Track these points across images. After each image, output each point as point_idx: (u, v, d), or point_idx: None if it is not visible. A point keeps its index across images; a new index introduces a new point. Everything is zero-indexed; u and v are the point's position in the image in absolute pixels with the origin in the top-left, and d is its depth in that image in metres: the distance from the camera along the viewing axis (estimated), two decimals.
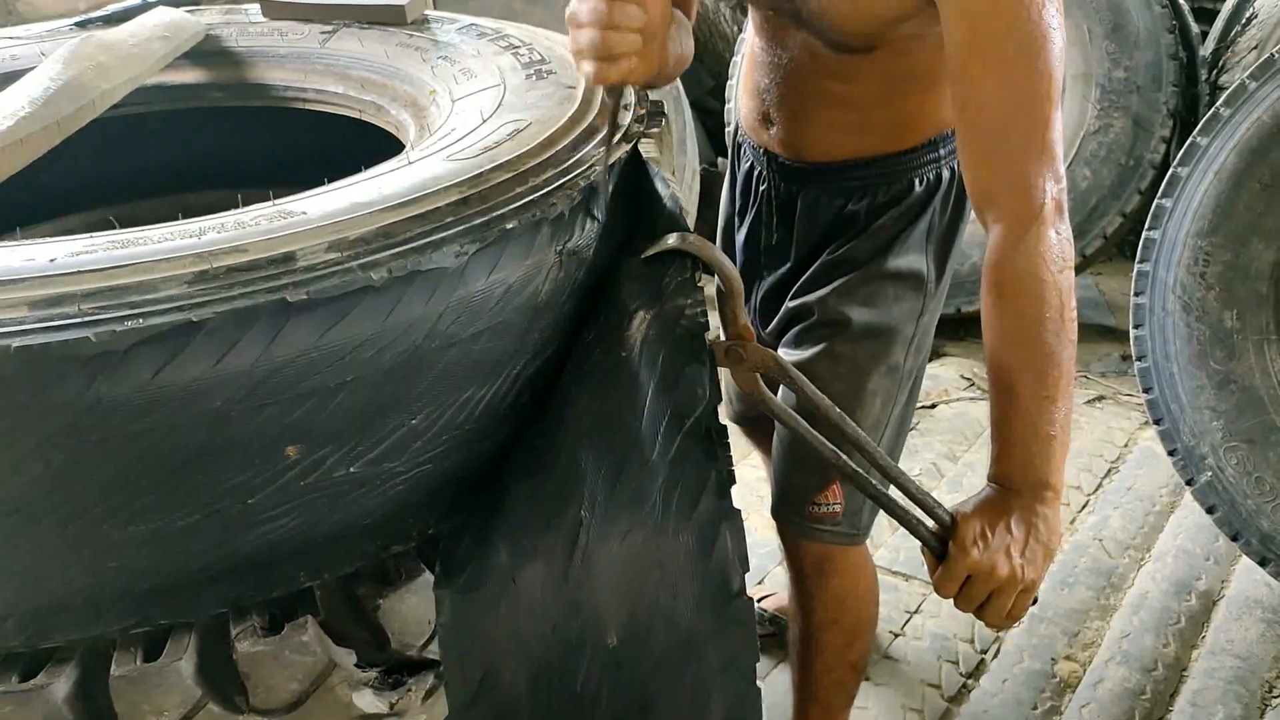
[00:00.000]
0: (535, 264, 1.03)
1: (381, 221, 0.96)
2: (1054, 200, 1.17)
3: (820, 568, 1.56)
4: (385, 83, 1.51)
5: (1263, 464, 2.07)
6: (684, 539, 1.01)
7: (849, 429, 1.16)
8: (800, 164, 1.51)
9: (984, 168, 1.20)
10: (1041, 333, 1.16)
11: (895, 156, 1.43)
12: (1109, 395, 3.12)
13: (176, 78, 1.59)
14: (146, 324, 0.83)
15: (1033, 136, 1.16)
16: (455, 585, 1.03)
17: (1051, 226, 1.17)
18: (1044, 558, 1.16)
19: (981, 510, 1.17)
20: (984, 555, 1.14)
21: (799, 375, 1.14)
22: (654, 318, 1.06)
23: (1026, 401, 1.16)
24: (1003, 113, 1.16)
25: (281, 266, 0.89)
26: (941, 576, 1.17)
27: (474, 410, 1.02)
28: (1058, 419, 1.16)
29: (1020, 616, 1.19)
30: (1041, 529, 1.16)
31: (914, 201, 1.46)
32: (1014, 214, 1.17)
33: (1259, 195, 2.04)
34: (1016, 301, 1.17)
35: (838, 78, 1.38)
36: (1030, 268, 1.16)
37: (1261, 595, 2.25)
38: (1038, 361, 1.16)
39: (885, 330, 1.49)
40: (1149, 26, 3.15)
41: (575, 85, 1.29)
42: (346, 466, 0.95)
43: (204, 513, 0.91)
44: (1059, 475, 1.18)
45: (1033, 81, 1.14)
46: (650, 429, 1.02)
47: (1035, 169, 1.16)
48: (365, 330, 0.91)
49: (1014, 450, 1.18)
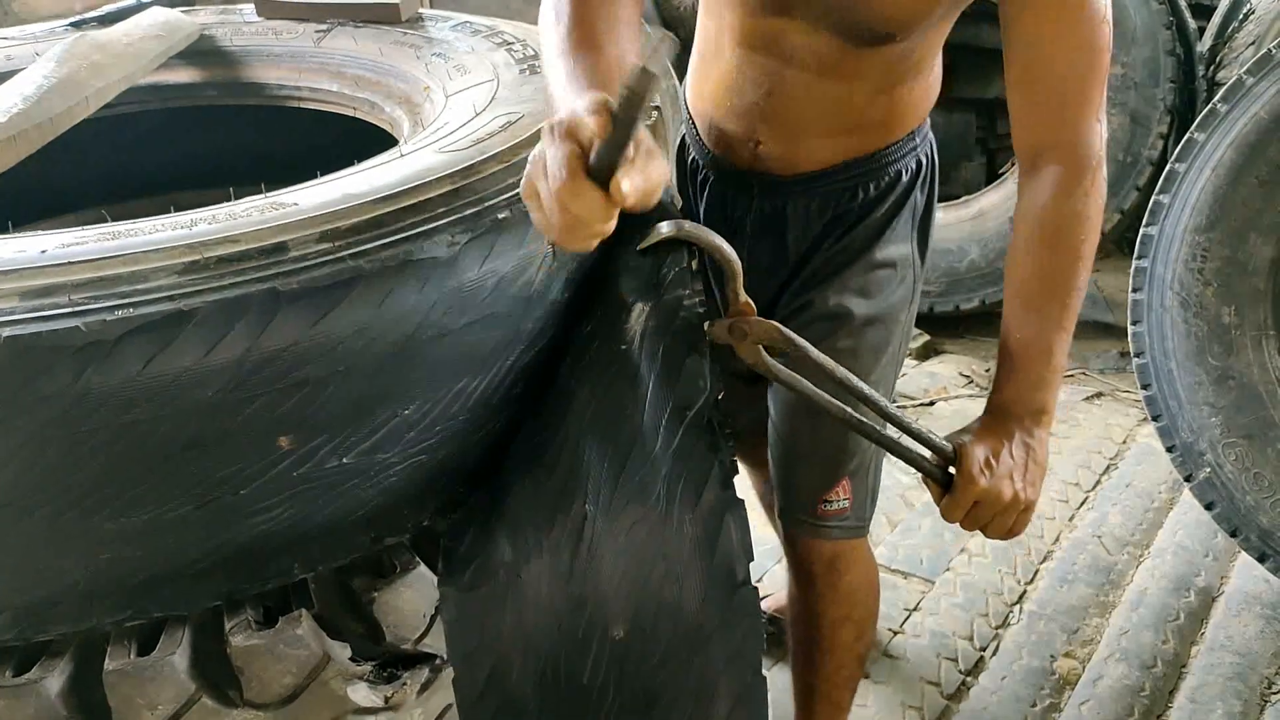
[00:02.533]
0: (528, 254, 1.03)
1: (373, 212, 0.96)
2: (1103, 144, 1.25)
3: (833, 565, 1.55)
4: (379, 80, 1.51)
5: (1261, 460, 2.06)
6: (688, 530, 1.02)
7: (854, 384, 1.20)
8: (792, 177, 1.47)
9: (1045, 121, 1.26)
10: (1081, 269, 1.25)
11: (883, 151, 1.43)
12: (1107, 392, 3.11)
13: (171, 77, 1.59)
14: (137, 314, 0.83)
15: (1095, 88, 1.23)
16: (460, 583, 1.03)
17: (1102, 168, 1.25)
18: (1040, 478, 1.25)
19: (982, 438, 1.24)
20: (990, 482, 1.21)
21: (801, 341, 1.15)
22: (653, 309, 1.06)
23: (1051, 330, 1.25)
24: (1069, 66, 1.22)
25: (273, 256, 0.89)
26: (949, 504, 1.24)
27: (467, 401, 1.02)
28: (1065, 350, 1.26)
29: (1020, 533, 1.27)
30: (1039, 450, 1.25)
31: (900, 191, 1.47)
32: (1072, 161, 1.24)
33: (1256, 191, 2.04)
34: (1070, 239, 1.25)
35: (838, 76, 1.35)
36: (1083, 210, 1.24)
37: (1260, 591, 2.25)
38: (1070, 295, 1.25)
39: (884, 320, 1.48)
40: (1146, 23, 3.15)
41: None
42: (339, 457, 0.95)
43: (196, 504, 0.91)
44: (1054, 403, 1.27)
45: (1096, 35, 1.20)
46: (652, 421, 1.02)
47: (1094, 115, 1.24)
48: (357, 320, 0.91)
49: (1025, 375, 1.26)
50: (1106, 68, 1.23)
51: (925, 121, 1.48)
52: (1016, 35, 1.24)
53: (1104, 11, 1.20)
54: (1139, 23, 3.13)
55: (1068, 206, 1.23)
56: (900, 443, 1.22)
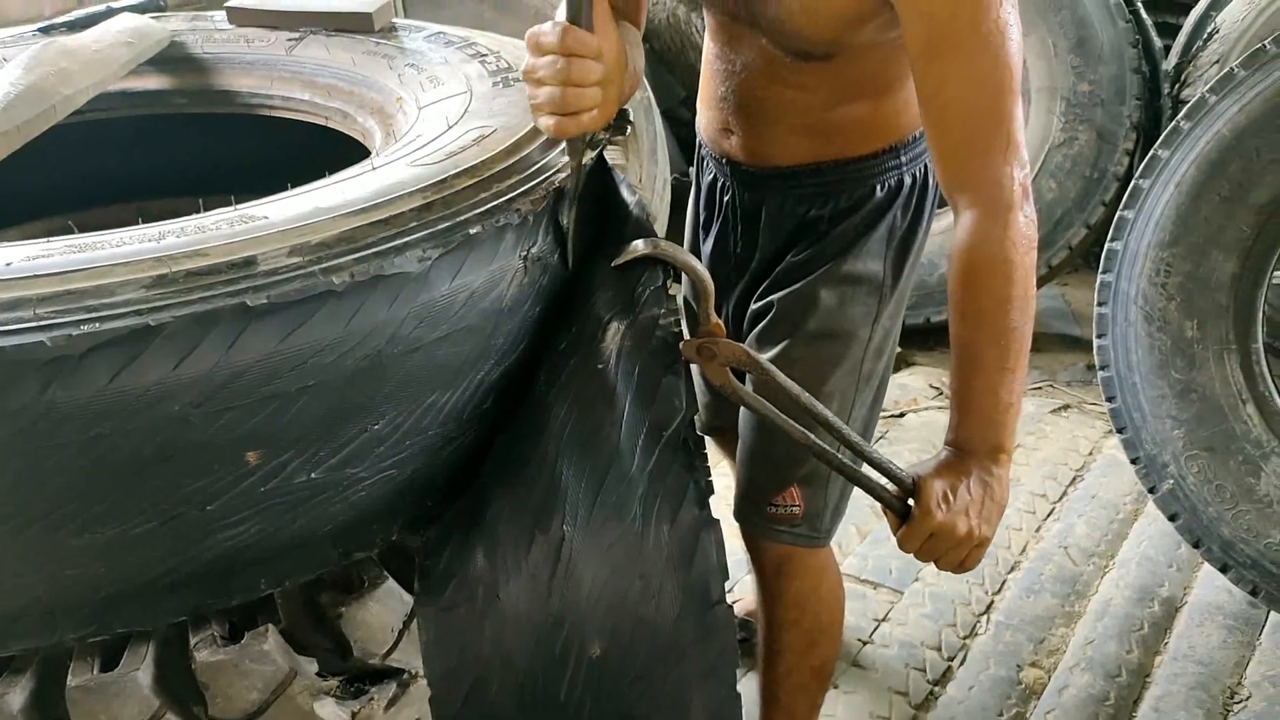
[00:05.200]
0: (499, 269, 1.03)
1: (344, 226, 0.96)
2: (1020, 185, 1.24)
3: (780, 569, 1.56)
4: (352, 90, 1.50)
5: (1223, 472, 2.09)
6: (665, 550, 1.02)
7: (818, 411, 1.22)
8: (763, 171, 1.52)
9: (953, 161, 1.26)
10: (1009, 310, 1.24)
11: (857, 161, 1.45)
12: (1074, 404, 3.14)
13: (140, 84, 1.58)
14: (103, 328, 0.82)
15: (999, 128, 1.22)
16: (438, 601, 1.03)
17: (1019, 210, 1.24)
18: (997, 515, 1.26)
19: (941, 472, 1.25)
20: (947, 516, 1.22)
21: (768, 364, 1.17)
22: (628, 328, 1.06)
23: (990, 373, 1.25)
24: (969, 108, 1.22)
25: (242, 270, 0.89)
26: (906, 535, 1.25)
27: (438, 415, 1.02)
28: (1015, 388, 1.26)
29: (972, 568, 1.28)
30: (996, 489, 1.25)
31: (875, 207, 1.48)
32: (985, 202, 1.24)
33: (1219, 207, 2.07)
34: (989, 283, 1.25)
35: (796, 85, 1.39)
36: (1002, 252, 1.23)
37: (1223, 601, 2.28)
38: (1003, 337, 1.24)
39: (841, 332, 1.50)
40: (1113, 41, 3.18)
41: None
42: (308, 472, 0.94)
43: (162, 519, 0.90)
44: (1011, 440, 1.28)
45: (995, 76, 1.20)
46: (629, 441, 1.03)
47: (1003, 159, 1.22)
48: (327, 335, 0.91)
49: (975, 417, 1.27)
50: (1013, 111, 1.21)
51: (915, 142, 1.48)
52: (920, 80, 1.24)
53: (1007, 56, 1.19)
54: (1105, 41, 3.17)
55: (984, 251, 1.23)
56: (861, 471, 1.24)
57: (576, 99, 1.06)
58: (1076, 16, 3.20)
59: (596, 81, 1.07)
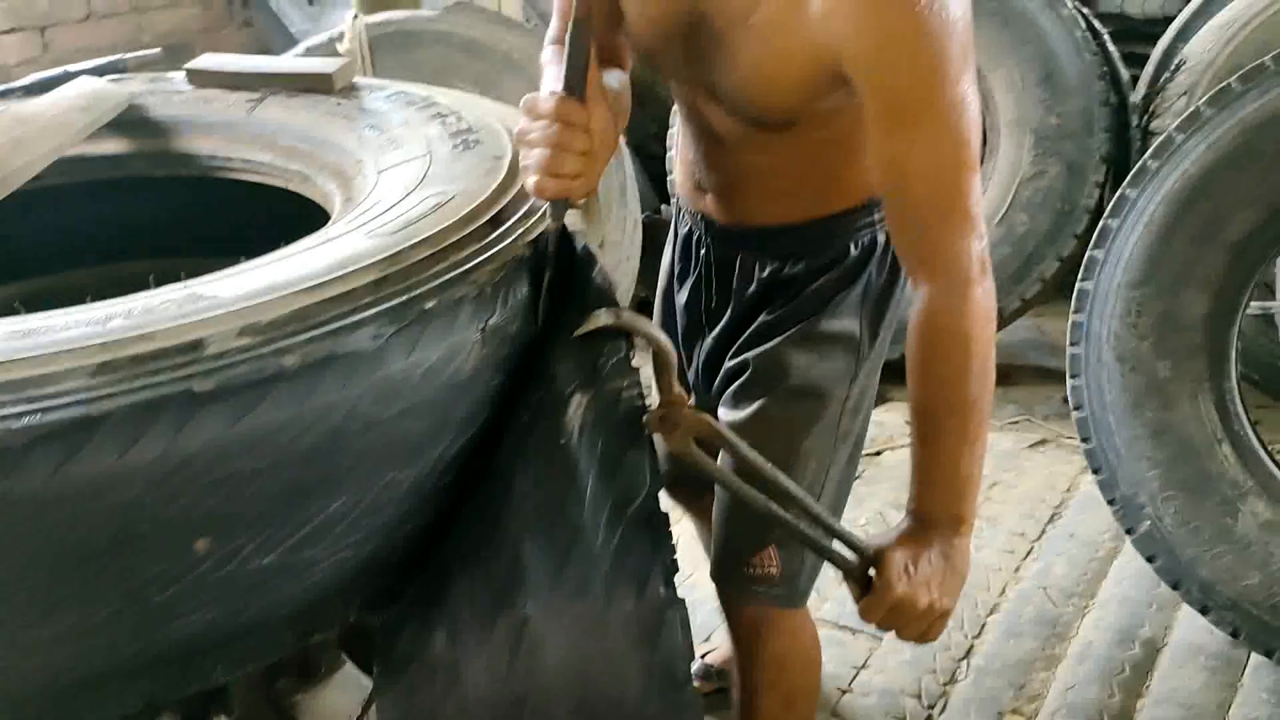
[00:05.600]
0: (457, 343, 1.01)
1: (296, 304, 0.94)
2: (979, 260, 1.24)
3: (757, 630, 1.54)
4: (312, 151, 1.49)
5: (1200, 513, 2.08)
6: (629, 630, 1.01)
7: (782, 483, 1.22)
8: (735, 229, 1.52)
9: (910, 235, 1.26)
10: (968, 382, 1.24)
11: (828, 220, 1.44)
12: (1051, 439, 3.14)
13: (98, 148, 1.56)
14: (46, 420, 0.80)
15: (955, 203, 1.21)
16: (397, 685, 1.00)
17: (978, 285, 1.24)
18: (959, 586, 1.27)
19: (903, 543, 1.25)
20: (908, 588, 1.22)
21: (732, 436, 1.17)
22: (591, 400, 1.05)
23: (950, 444, 1.25)
24: (924, 184, 1.21)
25: (189, 354, 0.87)
26: (868, 606, 1.26)
27: (396, 492, 1.00)
28: (975, 460, 1.26)
29: (935, 639, 1.30)
30: (957, 560, 1.26)
31: (849, 265, 1.47)
32: (943, 277, 1.24)
33: (1188, 246, 2.07)
34: (947, 356, 1.25)
35: (761, 150, 1.39)
36: (960, 325, 1.23)
37: (1204, 642, 2.26)
38: (961, 409, 1.24)
39: (817, 392, 1.49)
40: (1080, 74, 3.21)
41: (502, 155, 1.28)
42: (263, 556, 0.92)
43: (113, 610, 0.88)
44: (973, 510, 1.28)
45: (951, 152, 1.19)
46: (592, 518, 1.01)
47: (959, 233, 1.22)
48: (279, 417, 0.89)
49: (935, 488, 1.27)
50: (970, 185, 1.21)
51: None
52: (876, 152, 1.23)
53: (963, 129, 1.18)
54: (1073, 74, 3.19)
55: (942, 324, 1.23)
56: (823, 542, 1.25)
57: (564, 164, 1.11)
58: (1044, 50, 3.22)
59: (584, 150, 1.12)
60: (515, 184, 1.21)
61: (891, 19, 1.15)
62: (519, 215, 1.14)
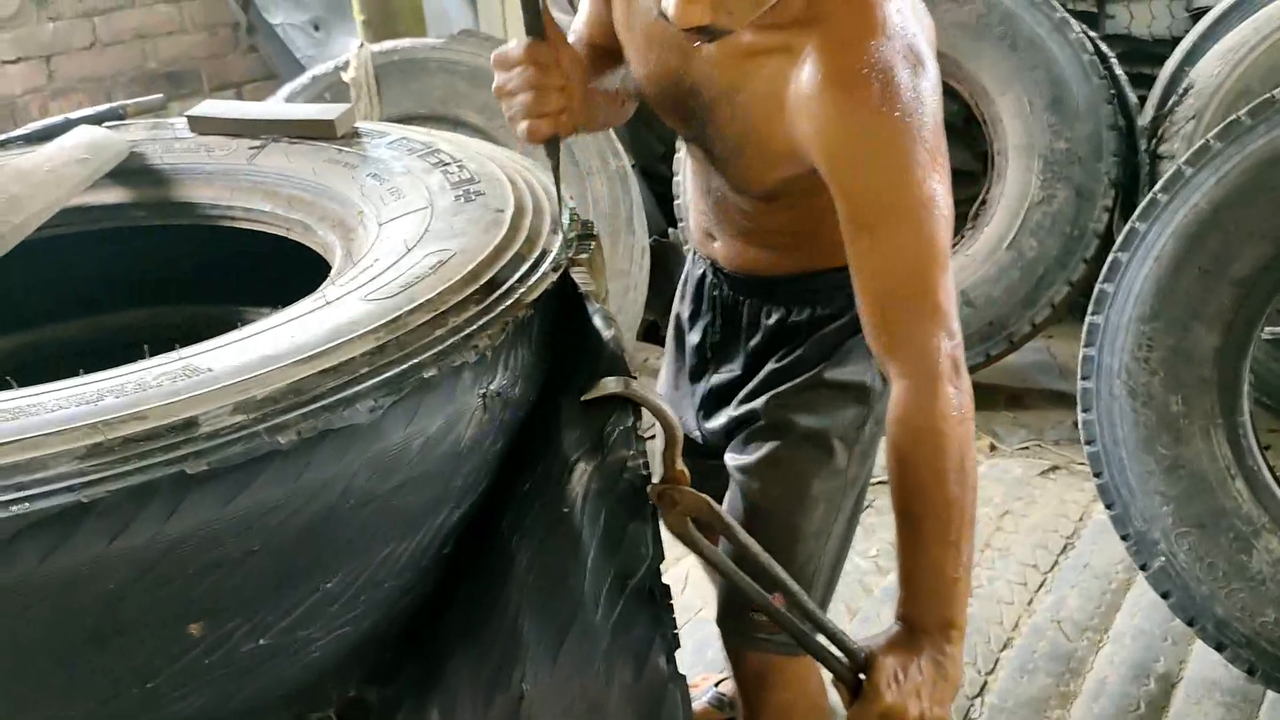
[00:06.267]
0: (457, 410, 0.99)
1: (292, 377, 0.92)
2: (949, 358, 1.22)
3: (762, 679, 1.53)
4: (313, 201, 1.48)
5: (1214, 549, 2.06)
6: (629, 707, 0.98)
7: (777, 575, 1.20)
8: (743, 276, 1.53)
9: (880, 331, 1.25)
10: (945, 483, 1.21)
11: (832, 273, 1.43)
12: (1063, 465, 3.11)
13: (99, 198, 1.55)
14: (34, 508, 0.79)
15: (924, 302, 1.20)
16: None
17: (949, 383, 1.21)
18: (950, 695, 1.23)
19: (893, 648, 1.22)
20: (897, 697, 1.19)
21: (730, 519, 1.15)
22: (595, 470, 1.03)
23: (932, 547, 1.22)
24: (892, 283, 1.21)
25: (182, 434, 0.85)
26: (857, 714, 1.22)
27: (395, 566, 0.98)
28: (961, 562, 1.22)
29: None
30: (949, 668, 1.22)
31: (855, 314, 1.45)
32: (913, 374, 1.22)
33: (1198, 281, 2.05)
34: (919, 456, 1.22)
35: (760, 209, 1.40)
36: (931, 425, 1.21)
37: (1219, 677, 2.23)
38: (941, 510, 1.21)
39: (827, 437, 1.48)
40: (1088, 98, 3.19)
41: (504, 208, 1.27)
42: (256, 639, 0.90)
43: (100, 700, 0.86)
44: (963, 615, 1.24)
45: (918, 252, 1.18)
46: (593, 591, 0.99)
47: (928, 331, 1.21)
48: (273, 496, 0.87)
49: (921, 594, 1.24)
50: (939, 282, 1.19)
51: None
52: (848, 248, 1.23)
53: (931, 229, 1.17)
54: (1081, 99, 3.18)
55: (915, 424, 1.21)
56: (815, 640, 1.22)
57: (547, 102, 1.21)
58: (1052, 75, 3.20)
59: (561, 86, 1.22)
60: (517, 240, 1.19)
61: (853, 125, 1.15)
62: (520, 274, 1.12)
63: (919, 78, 1.17)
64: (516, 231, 1.22)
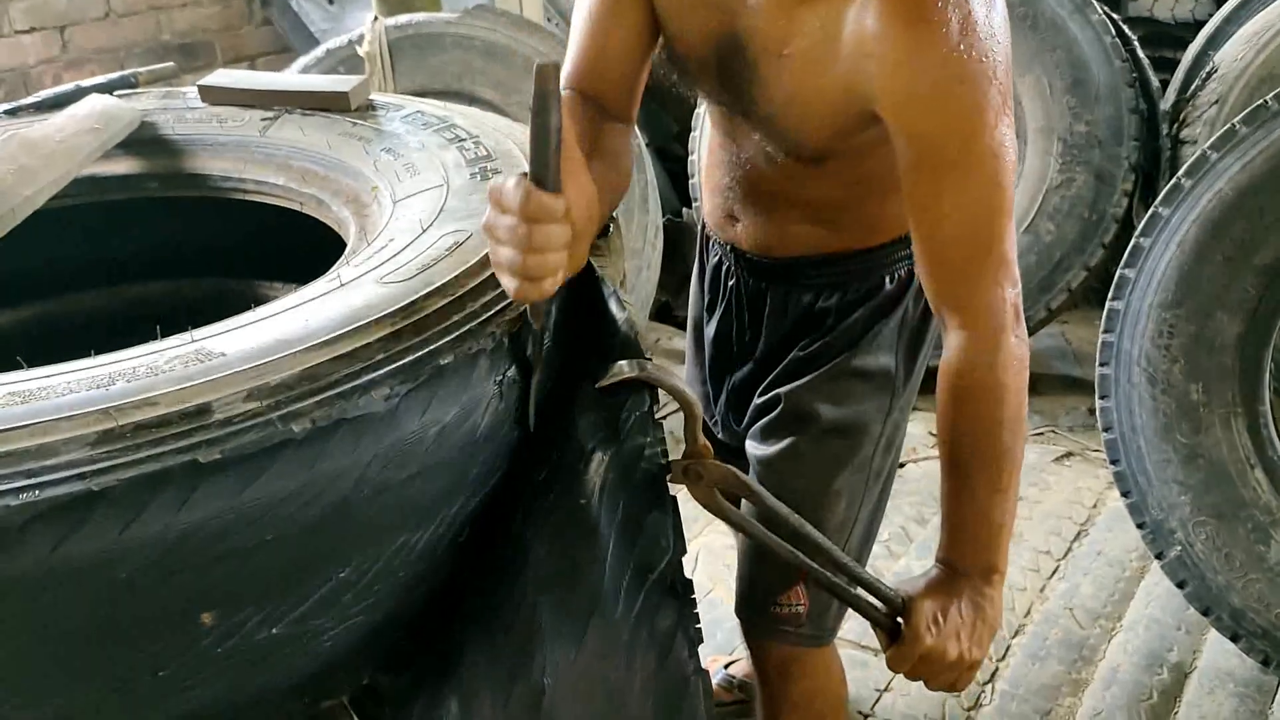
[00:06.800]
0: (473, 398, 0.97)
1: (306, 363, 0.90)
2: (1013, 306, 1.20)
3: (785, 670, 1.51)
4: (327, 175, 1.45)
5: (1231, 540, 2.04)
6: (650, 702, 0.97)
7: (808, 533, 1.19)
8: (768, 260, 1.48)
9: (943, 281, 1.22)
10: (1000, 432, 1.20)
11: (864, 253, 1.40)
12: (1077, 451, 3.09)
13: (110, 169, 1.53)
14: (44, 496, 0.77)
15: (991, 251, 1.17)
16: None
17: (1011, 333, 1.20)
18: (989, 637, 1.23)
19: (932, 592, 1.22)
20: (937, 639, 1.19)
21: (757, 486, 1.14)
22: (613, 458, 1.01)
23: (981, 493, 1.22)
24: (959, 230, 1.17)
25: (195, 421, 0.84)
26: (895, 656, 1.22)
27: (409, 555, 0.96)
28: (1008, 508, 1.23)
29: (964, 689, 1.26)
30: (988, 610, 1.22)
31: (885, 298, 1.43)
32: (976, 325, 1.20)
33: (1222, 268, 2.02)
34: (978, 405, 1.21)
35: (797, 180, 1.34)
36: (992, 376, 1.19)
37: (1233, 667, 2.21)
38: (994, 458, 1.21)
39: (852, 428, 1.45)
40: (1109, 81, 3.14)
41: None
42: (269, 628, 0.89)
43: (111, 689, 0.85)
44: (1005, 560, 1.24)
45: (987, 199, 1.15)
46: (613, 583, 0.97)
47: (994, 280, 1.18)
48: (287, 486, 0.85)
49: (966, 536, 1.24)
50: (1005, 231, 1.17)
51: None
52: (909, 195, 1.19)
53: (1000, 175, 1.14)
54: (1103, 81, 3.13)
55: (973, 377, 1.20)
56: (851, 591, 1.21)
57: (538, 266, 0.95)
58: (1073, 56, 3.16)
59: (562, 246, 0.96)
60: None
61: (928, 64, 1.10)
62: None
63: (993, 12, 1.12)
64: None
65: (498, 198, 0.95)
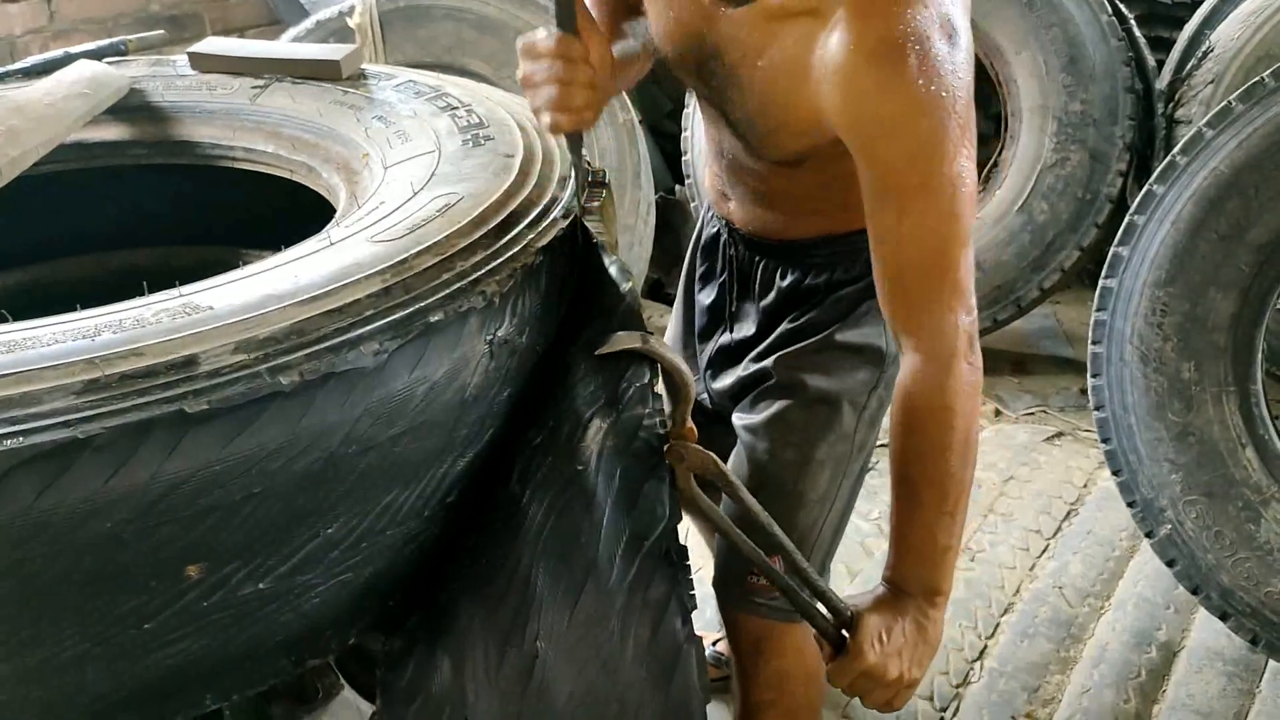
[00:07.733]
0: (462, 357, 0.97)
1: (295, 317, 0.90)
2: (965, 333, 1.21)
3: (758, 646, 1.50)
4: (317, 143, 1.44)
5: (1222, 518, 2.04)
6: (644, 668, 0.97)
7: (772, 532, 1.22)
8: (759, 239, 1.50)
9: (899, 305, 1.23)
10: (949, 456, 1.21)
11: (851, 236, 1.40)
12: (1068, 431, 3.09)
13: (98, 134, 1.52)
14: (28, 443, 0.76)
15: (945, 278, 1.18)
16: (401, 716, 0.96)
17: (963, 359, 1.21)
18: (929, 658, 1.25)
19: (878, 609, 1.23)
20: (880, 657, 1.21)
21: (733, 478, 1.15)
22: (611, 427, 1.01)
23: (928, 515, 1.22)
24: (916, 256, 1.19)
25: (181, 372, 0.83)
26: (837, 669, 1.24)
27: (397, 514, 0.96)
28: (954, 532, 1.23)
29: (900, 708, 1.28)
30: (930, 631, 1.24)
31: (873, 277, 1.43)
32: (928, 349, 1.21)
33: (1216, 246, 2.01)
34: (927, 428, 1.22)
35: (775, 174, 1.37)
36: (942, 400, 1.20)
37: (1222, 646, 2.22)
38: (942, 481, 1.21)
39: (838, 399, 1.46)
40: (1105, 60, 3.13)
41: (513, 154, 1.24)
42: (255, 583, 0.88)
43: (96, 641, 0.84)
44: (949, 582, 1.26)
45: (944, 228, 1.16)
46: (608, 550, 0.97)
47: (948, 306, 1.19)
48: (274, 439, 0.85)
49: (911, 558, 1.25)
50: (961, 260, 1.18)
51: None
52: (870, 219, 1.21)
53: (957, 205, 1.15)
54: (1098, 60, 3.12)
55: (925, 398, 1.20)
56: (804, 598, 1.24)
57: (571, 97, 1.17)
58: (1068, 35, 3.15)
59: (588, 83, 1.18)
60: (526, 185, 1.16)
61: (890, 96, 1.11)
62: (529, 220, 1.09)
63: (954, 49, 1.13)
64: (526, 177, 1.19)
65: (531, 47, 1.19)
